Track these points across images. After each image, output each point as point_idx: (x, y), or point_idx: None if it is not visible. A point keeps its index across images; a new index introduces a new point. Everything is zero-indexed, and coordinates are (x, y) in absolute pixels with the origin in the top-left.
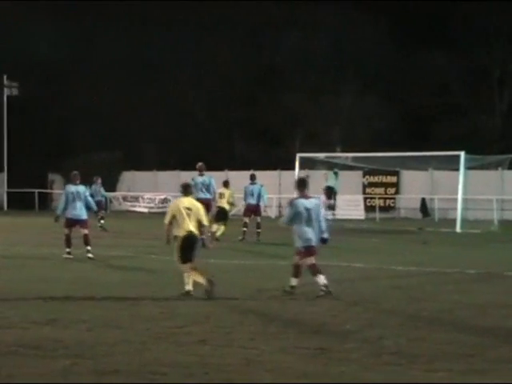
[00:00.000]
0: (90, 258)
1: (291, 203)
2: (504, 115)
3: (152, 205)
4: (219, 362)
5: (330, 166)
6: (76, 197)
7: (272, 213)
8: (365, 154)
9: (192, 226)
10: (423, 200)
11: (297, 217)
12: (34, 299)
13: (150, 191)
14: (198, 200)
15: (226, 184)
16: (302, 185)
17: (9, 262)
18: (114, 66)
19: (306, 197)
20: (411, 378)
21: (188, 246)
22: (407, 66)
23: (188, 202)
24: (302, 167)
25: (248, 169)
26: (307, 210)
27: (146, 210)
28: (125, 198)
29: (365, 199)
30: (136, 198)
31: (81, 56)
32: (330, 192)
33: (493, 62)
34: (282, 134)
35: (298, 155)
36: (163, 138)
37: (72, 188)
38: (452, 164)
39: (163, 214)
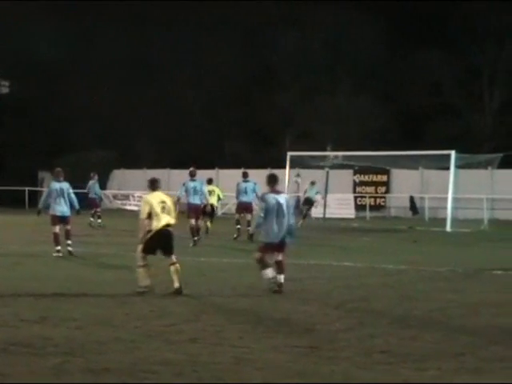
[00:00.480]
0: (69, 251)
1: (263, 198)
2: (495, 114)
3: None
4: (209, 361)
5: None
6: (60, 194)
7: None
8: (355, 153)
9: (168, 220)
10: (411, 198)
11: (267, 212)
12: (26, 297)
13: (140, 189)
14: (190, 205)
15: (210, 181)
16: (272, 180)
17: (0, 260)
18: (108, 65)
19: (277, 192)
20: (402, 377)
21: (159, 240)
22: (400, 66)
23: (160, 196)
24: (292, 166)
25: (239, 167)
26: (278, 204)
27: (136, 208)
28: (115, 196)
29: (355, 198)
30: (126, 196)
31: (76, 55)
32: (309, 203)
33: (484, 61)
34: (275, 133)
35: (289, 154)
36: (156, 137)
37: (56, 185)
38: (442, 163)
39: None
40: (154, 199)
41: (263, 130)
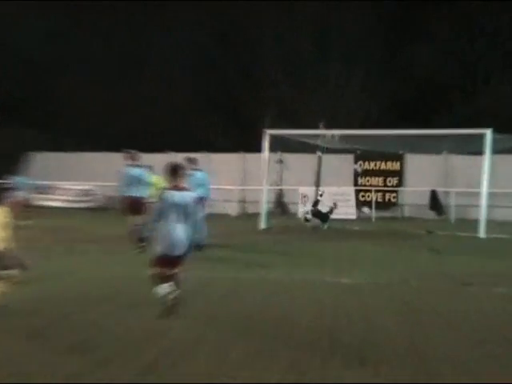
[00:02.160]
0: None
1: (160, 196)
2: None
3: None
4: None
5: (309, 147)
6: None
7: (233, 210)
8: (357, 132)
9: None
10: (433, 193)
11: (163, 213)
12: None
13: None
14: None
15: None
16: (174, 172)
17: None
18: (99, 61)
19: (179, 188)
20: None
21: None
22: (394, 63)
23: None
24: (273, 149)
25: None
26: (177, 205)
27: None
28: None
29: (357, 192)
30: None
31: (64, 50)
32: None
33: (478, 59)
34: (255, 116)
35: (268, 132)
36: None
37: None
38: (472, 146)
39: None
40: None
41: (244, 115)
